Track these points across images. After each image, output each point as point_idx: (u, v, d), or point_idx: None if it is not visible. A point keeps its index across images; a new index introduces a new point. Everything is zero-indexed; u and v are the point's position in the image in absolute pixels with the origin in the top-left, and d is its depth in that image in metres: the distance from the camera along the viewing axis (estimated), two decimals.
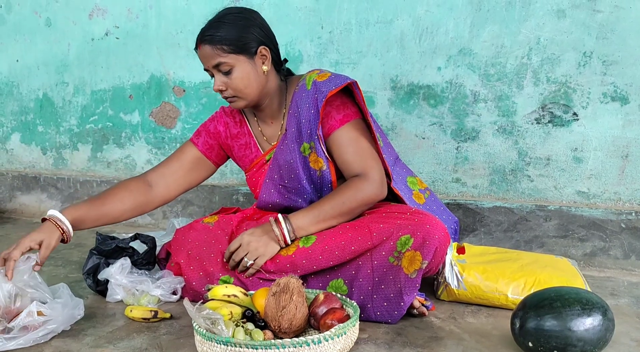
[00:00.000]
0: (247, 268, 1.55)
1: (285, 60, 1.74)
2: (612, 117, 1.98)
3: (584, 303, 1.19)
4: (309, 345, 1.18)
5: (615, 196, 2.01)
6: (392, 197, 1.68)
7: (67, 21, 2.79)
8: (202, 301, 1.38)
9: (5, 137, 3.06)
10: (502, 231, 2.09)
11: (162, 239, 1.95)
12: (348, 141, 1.60)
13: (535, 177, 2.09)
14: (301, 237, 1.56)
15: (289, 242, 1.55)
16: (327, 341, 1.20)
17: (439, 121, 2.18)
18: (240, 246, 1.56)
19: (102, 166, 2.85)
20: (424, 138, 2.21)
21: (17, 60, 2.94)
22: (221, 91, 1.61)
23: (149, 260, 1.75)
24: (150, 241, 1.78)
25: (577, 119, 2.02)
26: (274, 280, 1.52)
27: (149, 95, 2.69)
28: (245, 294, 1.43)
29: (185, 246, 1.67)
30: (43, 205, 2.94)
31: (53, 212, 1.53)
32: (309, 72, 1.68)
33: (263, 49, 1.60)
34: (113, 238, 1.75)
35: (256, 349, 1.16)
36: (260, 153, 1.76)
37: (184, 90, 2.60)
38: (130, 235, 1.81)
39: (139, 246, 1.76)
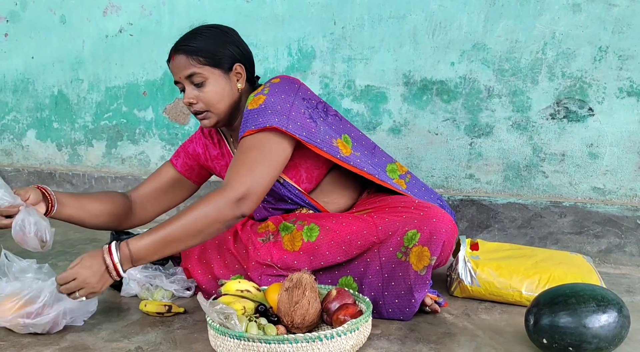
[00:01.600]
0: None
1: (258, 78, 1.67)
2: (628, 112, 1.96)
3: (599, 300, 1.18)
4: (321, 340, 1.18)
5: (631, 192, 1.99)
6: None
7: (81, 18, 2.81)
8: (215, 295, 1.39)
9: (21, 133, 3.10)
10: (517, 227, 2.08)
11: None
12: (239, 149, 1.46)
13: (550, 173, 2.08)
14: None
15: (123, 274, 1.33)
16: (339, 336, 1.20)
17: (452, 117, 2.17)
18: (74, 279, 1.31)
19: (116, 162, 2.87)
20: (437, 134, 2.20)
21: (33, 57, 2.97)
22: (191, 105, 1.54)
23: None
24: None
25: (593, 115, 2.00)
26: (283, 276, 1.52)
27: (163, 92, 2.70)
28: (258, 289, 1.43)
29: (192, 251, 1.67)
30: None
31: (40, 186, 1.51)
32: (257, 88, 1.57)
33: (238, 67, 1.55)
34: (128, 234, 1.76)
35: (269, 343, 1.17)
36: None
37: None
38: (144, 230, 1.82)
39: None
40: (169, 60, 1.57)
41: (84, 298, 1.32)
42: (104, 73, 2.82)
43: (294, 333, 1.28)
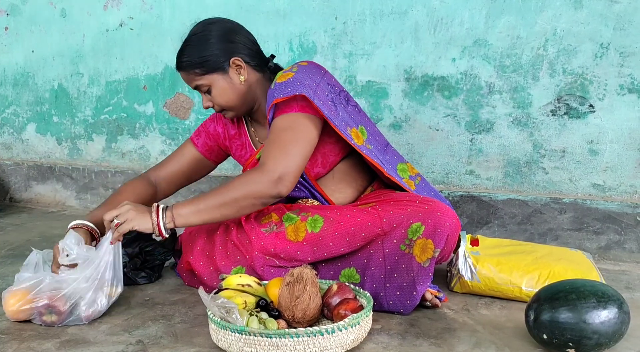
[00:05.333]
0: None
1: (272, 56, 1.72)
2: (628, 109, 1.96)
3: (599, 296, 1.19)
4: (322, 335, 1.18)
5: (631, 188, 1.99)
6: (396, 184, 1.67)
7: (82, 12, 2.81)
8: (216, 290, 1.39)
9: (21, 127, 3.09)
10: (516, 223, 2.08)
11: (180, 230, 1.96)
12: (272, 131, 1.52)
13: (550, 169, 2.08)
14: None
15: (164, 233, 1.47)
16: (340, 330, 1.20)
17: (453, 113, 2.17)
18: (119, 213, 1.47)
19: (116, 157, 2.87)
20: (437, 130, 2.20)
21: (33, 51, 2.96)
22: (209, 108, 1.66)
23: (169, 247, 1.77)
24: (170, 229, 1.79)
25: (594, 111, 2.00)
26: (285, 267, 1.53)
27: (163, 86, 2.70)
28: (259, 283, 1.43)
29: (194, 243, 1.69)
30: (58, 195, 2.97)
31: (79, 221, 1.56)
32: (280, 70, 1.66)
33: (236, 60, 1.60)
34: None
35: (270, 338, 1.17)
36: (253, 151, 1.76)
37: None
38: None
39: None
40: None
41: (116, 230, 1.44)
42: (104, 67, 2.81)
43: (295, 327, 1.28)
